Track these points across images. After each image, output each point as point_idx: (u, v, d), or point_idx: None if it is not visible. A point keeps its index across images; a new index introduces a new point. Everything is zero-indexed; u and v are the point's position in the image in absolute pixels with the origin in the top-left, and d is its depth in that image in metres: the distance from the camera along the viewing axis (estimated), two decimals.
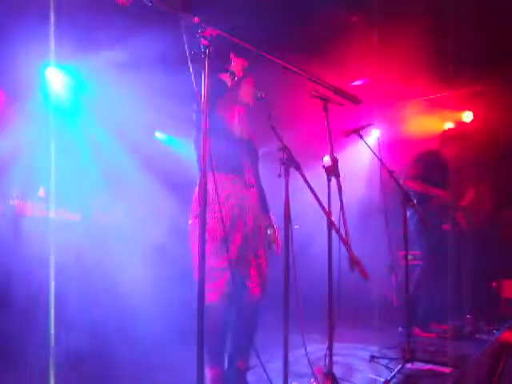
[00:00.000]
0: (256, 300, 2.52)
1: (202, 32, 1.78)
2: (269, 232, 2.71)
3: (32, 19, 3.54)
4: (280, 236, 2.66)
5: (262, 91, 2.63)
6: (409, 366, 3.25)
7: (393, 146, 5.86)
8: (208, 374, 2.42)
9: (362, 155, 5.66)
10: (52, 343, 2.92)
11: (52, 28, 3.54)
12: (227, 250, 2.26)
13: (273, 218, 2.75)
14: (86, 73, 4.43)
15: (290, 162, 2.26)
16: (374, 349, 3.79)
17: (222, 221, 2.21)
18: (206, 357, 2.21)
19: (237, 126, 2.64)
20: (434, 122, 6.10)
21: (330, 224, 2.38)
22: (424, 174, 4.50)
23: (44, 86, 4.25)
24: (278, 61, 1.98)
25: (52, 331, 2.95)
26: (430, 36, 4.41)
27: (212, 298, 2.30)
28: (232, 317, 2.51)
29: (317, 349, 2.60)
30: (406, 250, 3.60)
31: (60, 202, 3.61)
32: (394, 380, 2.96)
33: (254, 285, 2.52)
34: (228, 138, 2.54)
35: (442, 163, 4.63)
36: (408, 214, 3.57)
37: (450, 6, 3.93)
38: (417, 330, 4.28)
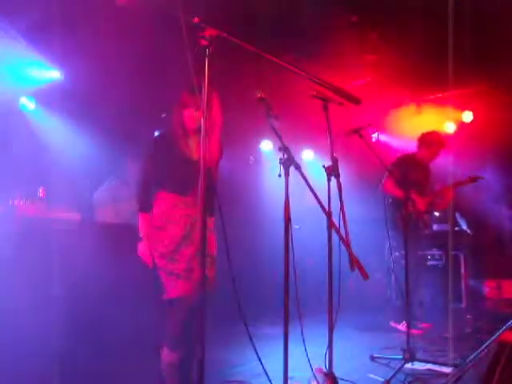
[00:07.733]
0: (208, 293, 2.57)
1: (201, 32, 1.78)
2: None
3: None
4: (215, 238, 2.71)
5: (261, 91, 2.62)
6: (409, 366, 3.25)
7: (392, 146, 5.88)
8: (167, 356, 2.51)
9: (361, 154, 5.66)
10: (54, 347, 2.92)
11: None
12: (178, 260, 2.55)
13: (212, 221, 2.72)
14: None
15: (289, 162, 2.26)
16: (374, 349, 3.79)
17: (174, 238, 2.55)
18: (168, 340, 2.50)
19: (190, 148, 2.68)
20: (434, 121, 6.10)
21: (330, 224, 2.38)
22: (401, 178, 4.51)
23: None
24: (279, 61, 1.97)
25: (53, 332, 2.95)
26: (429, 36, 4.41)
27: (174, 294, 2.52)
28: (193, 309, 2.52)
29: (317, 349, 2.59)
30: (406, 250, 3.61)
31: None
32: (394, 380, 2.96)
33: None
34: (182, 161, 2.62)
35: (418, 165, 4.73)
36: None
37: (449, 6, 3.92)
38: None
